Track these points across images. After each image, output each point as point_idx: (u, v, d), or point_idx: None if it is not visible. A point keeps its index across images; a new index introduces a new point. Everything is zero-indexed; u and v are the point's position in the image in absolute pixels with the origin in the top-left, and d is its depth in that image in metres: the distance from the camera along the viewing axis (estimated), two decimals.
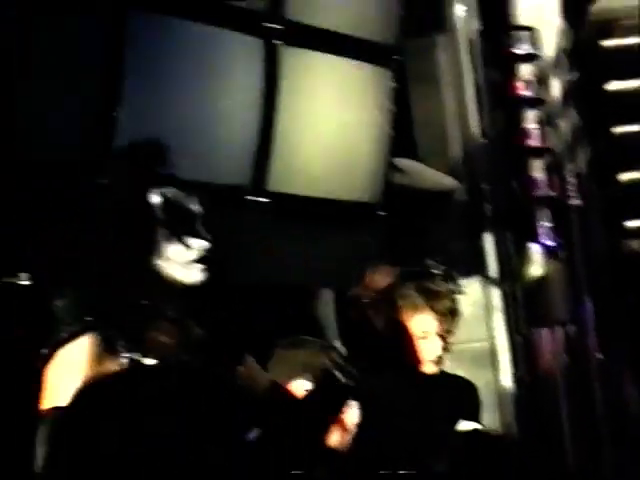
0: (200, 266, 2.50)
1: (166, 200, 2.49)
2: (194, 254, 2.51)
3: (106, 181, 2.76)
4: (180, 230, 2.50)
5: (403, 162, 5.15)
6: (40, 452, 2.40)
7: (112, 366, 2.42)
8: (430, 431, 3.35)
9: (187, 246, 2.48)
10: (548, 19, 5.47)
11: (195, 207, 2.55)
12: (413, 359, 3.37)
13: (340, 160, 4.78)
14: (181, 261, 2.50)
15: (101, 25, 3.45)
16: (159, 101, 3.75)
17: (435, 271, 3.47)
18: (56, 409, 2.37)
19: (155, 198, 2.48)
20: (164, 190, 2.48)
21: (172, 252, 2.50)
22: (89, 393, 1.73)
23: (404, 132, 5.17)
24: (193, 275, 2.52)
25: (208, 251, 2.48)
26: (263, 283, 4.40)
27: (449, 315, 3.37)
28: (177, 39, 3.81)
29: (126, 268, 2.49)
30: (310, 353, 3.00)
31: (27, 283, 3.72)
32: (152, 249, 2.48)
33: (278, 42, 4.13)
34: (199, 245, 2.51)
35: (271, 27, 4.04)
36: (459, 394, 3.58)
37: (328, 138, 4.59)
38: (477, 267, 5.32)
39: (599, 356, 5.54)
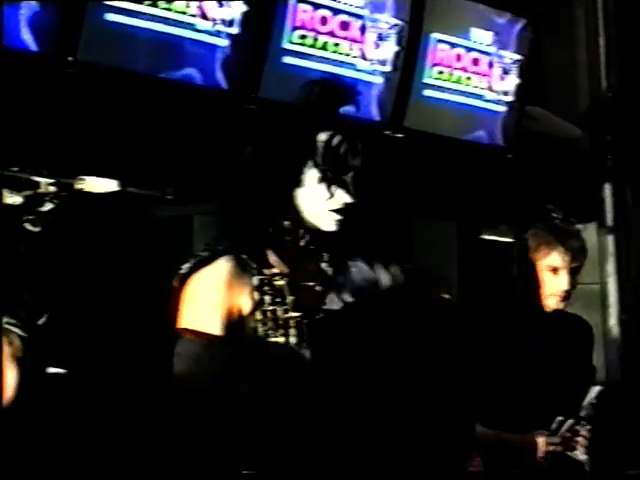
0: (336, 217, 2.72)
1: (328, 146, 2.70)
2: (335, 204, 2.71)
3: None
4: (332, 179, 2.70)
5: (534, 110, 5.50)
6: (181, 370, 2.69)
7: (246, 286, 2.66)
8: (554, 367, 3.64)
9: (332, 195, 2.69)
10: None
11: (354, 161, 2.76)
12: (542, 294, 3.64)
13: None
14: (321, 207, 2.71)
15: None
16: None
17: (555, 215, 3.73)
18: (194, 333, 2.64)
19: (321, 141, 2.70)
20: (331, 135, 2.69)
21: (316, 196, 2.70)
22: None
23: (537, 81, 5.55)
24: (326, 224, 2.66)
25: (349, 205, 2.68)
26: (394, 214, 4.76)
27: (579, 252, 3.63)
28: None
29: (269, 199, 2.70)
30: None
31: (169, 197, 4.06)
32: (299, 187, 2.70)
33: None
34: (342, 198, 2.64)
35: None
36: (578, 332, 3.82)
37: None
38: (595, 214, 5.61)
39: None
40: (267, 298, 2.59)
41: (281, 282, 2.61)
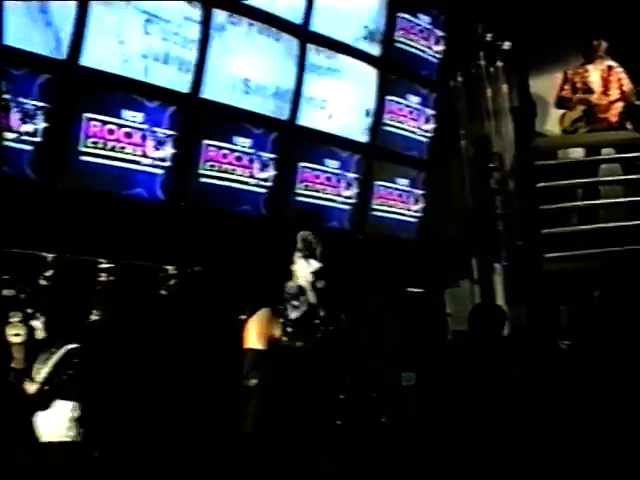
0: (314, 276, 4.83)
1: (303, 240, 4.80)
2: (312, 268, 4.84)
3: None
4: (307, 255, 4.83)
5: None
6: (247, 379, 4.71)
7: (277, 328, 4.78)
8: None
9: (308, 263, 4.80)
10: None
11: (316, 245, 4.87)
12: None
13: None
14: (304, 272, 4.84)
15: None
16: None
17: None
18: (251, 349, 4.64)
19: (299, 239, 4.79)
20: (305, 234, 4.79)
21: (301, 266, 4.83)
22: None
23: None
24: (309, 278, 4.86)
25: (320, 269, 4.81)
26: None
27: None
28: None
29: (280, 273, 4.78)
30: None
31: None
32: (289, 266, 4.81)
33: None
34: (315, 264, 4.85)
35: None
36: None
37: None
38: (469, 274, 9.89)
39: None
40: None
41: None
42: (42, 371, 6.12)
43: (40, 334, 6.31)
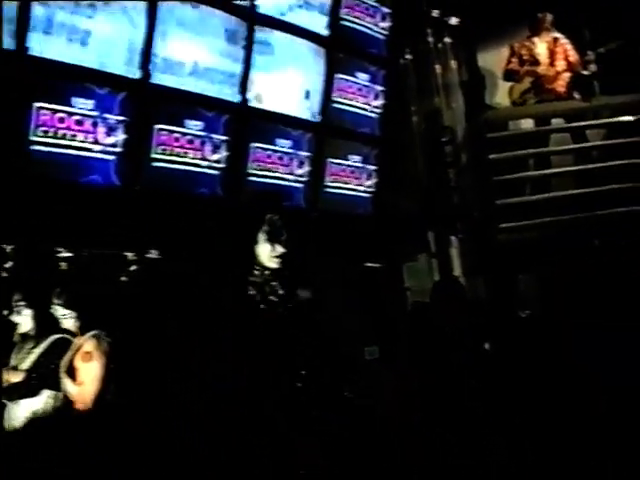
0: (278, 260, 4.92)
1: (270, 222, 4.86)
2: (276, 253, 4.93)
3: None
4: (272, 239, 4.91)
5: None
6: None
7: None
8: None
9: (273, 248, 4.88)
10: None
11: (283, 230, 4.95)
12: None
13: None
14: (269, 255, 4.92)
15: None
16: None
17: None
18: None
19: (266, 222, 4.87)
20: (273, 217, 4.85)
21: (265, 249, 4.91)
22: None
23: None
24: (273, 263, 4.95)
25: (284, 253, 4.88)
26: None
27: None
28: None
29: (244, 255, 4.86)
30: None
31: None
32: (255, 247, 4.88)
33: None
34: (280, 249, 4.94)
35: None
36: None
37: None
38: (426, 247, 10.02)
39: None
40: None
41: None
42: (27, 360, 6.20)
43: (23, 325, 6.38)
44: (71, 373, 6.07)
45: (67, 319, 6.36)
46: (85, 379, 5.94)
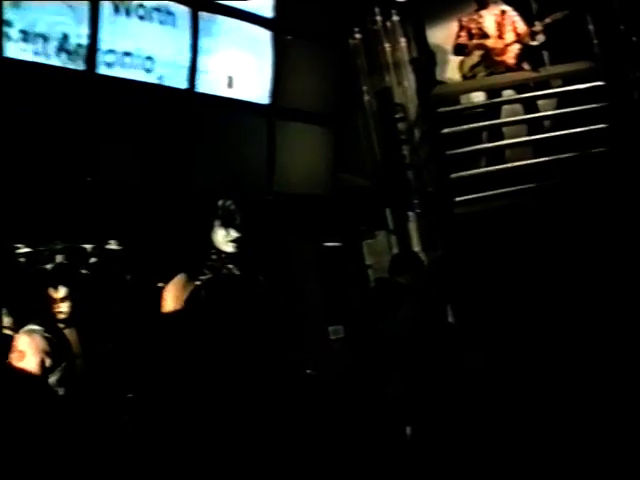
0: (233, 244, 5.01)
1: (224, 207, 4.94)
2: (231, 237, 5.02)
3: None
4: (227, 224, 5.00)
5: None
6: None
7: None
8: None
9: (227, 233, 4.98)
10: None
11: (237, 214, 5.04)
12: None
13: None
14: (224, 240, 5.01)
15: None
16: None
17: None
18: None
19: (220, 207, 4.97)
20: (226, 202, 4.94)
21: (221, 234, 5.00)
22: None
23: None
24: (228, 248, 5.03)
25: (239, 237, 4.99)
26: None
27: None
28: None
29: (200, 240, 4.95)
30: None
31: None
32: (211, 231, 4.98)
33: None
34: (234, 233, 5.02)
35: None
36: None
37: None
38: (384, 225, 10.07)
39: None
40: None
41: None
42: None
43: None
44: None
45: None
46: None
